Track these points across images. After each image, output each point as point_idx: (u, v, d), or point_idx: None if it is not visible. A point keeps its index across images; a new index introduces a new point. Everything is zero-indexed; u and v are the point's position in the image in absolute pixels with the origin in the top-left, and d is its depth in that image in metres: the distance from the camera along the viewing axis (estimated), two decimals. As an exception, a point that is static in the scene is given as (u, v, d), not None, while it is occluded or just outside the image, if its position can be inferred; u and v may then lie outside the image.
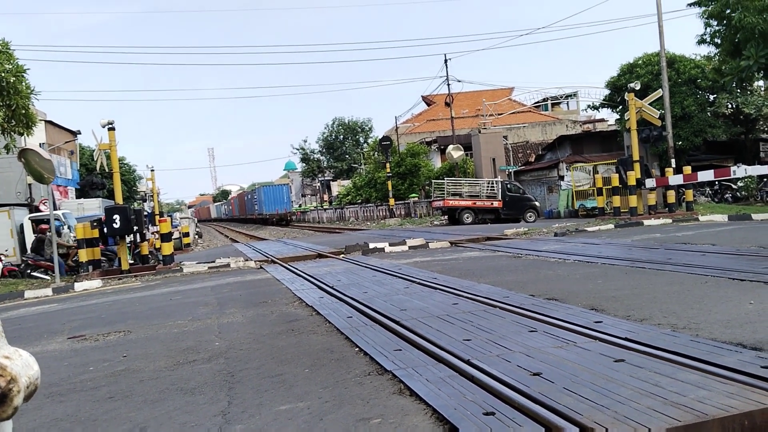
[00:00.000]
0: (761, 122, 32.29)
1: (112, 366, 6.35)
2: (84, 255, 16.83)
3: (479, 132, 41.22)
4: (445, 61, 42.87)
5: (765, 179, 26.12)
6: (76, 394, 5.39)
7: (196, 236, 42.75)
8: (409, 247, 17.80)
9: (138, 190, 55.27)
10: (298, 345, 6.50)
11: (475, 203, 31.31)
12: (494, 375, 4.58)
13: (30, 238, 22.63)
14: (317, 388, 4.83)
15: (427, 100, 63.91)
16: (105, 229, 16.96)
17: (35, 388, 1.67)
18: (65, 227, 20.91)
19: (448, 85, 42.90)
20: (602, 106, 36.75)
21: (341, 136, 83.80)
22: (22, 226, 23.80)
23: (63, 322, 9.90)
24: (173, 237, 21.76)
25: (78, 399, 5.24)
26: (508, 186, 31.61)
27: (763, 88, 31.80)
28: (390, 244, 17.99)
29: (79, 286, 15.23)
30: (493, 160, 39.22)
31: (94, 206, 30.13)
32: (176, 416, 4.52)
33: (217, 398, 4.85)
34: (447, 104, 44.38)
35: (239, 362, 5.98)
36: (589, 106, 39.99)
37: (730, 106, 31.77)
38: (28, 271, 18.65)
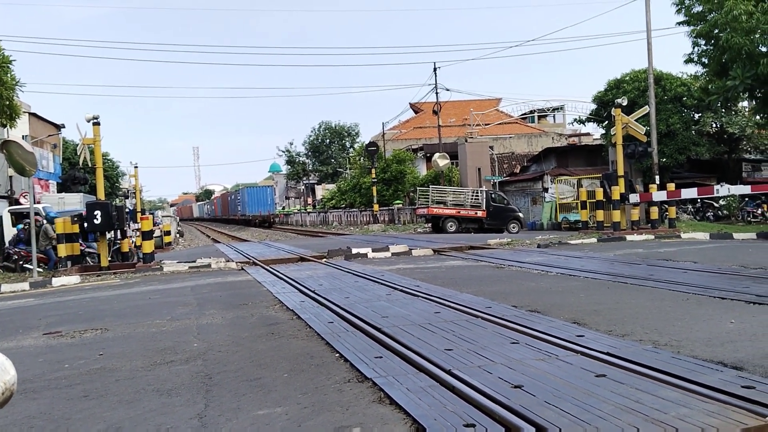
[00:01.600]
0: (744, 142, 32.64)
1: (88, 364, 6.25)
2: (63, 250, 16.62)
3: (466, 141, 41.32)
4: (434, 69, 42.92)
5: (746, 199, 26.38)
6: (51, 392, 5.30)
7: (178, 235, 42.42)
8: (392, 254, 17.77)
9: (120, 186, 54.79)
10: (277, 349, 6.44)
11: (459, 212, 31.34)
12: (475, 386, 4.55)
13: (9, 230, 22.33)
14: (296, 394, 4.78)
15: (415, 108, 64.02)
16: (85, 225, 16.76)
17: (11, 394, 1.60)
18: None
19: (437, 93, 42.95)
20: (588, 120, 36.88)
21: (327, 140, 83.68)
22: (0, 218, 23.51)
23: (39, 318, 9.75)
24: (154, 235, 21.59)
25: (52, 396, 5.15)
26: (493, 196, 31.67)
27: (747, 109, 32.13)
28: (373, 250, 17.94)
29: (56, 282, 15.03)
30: (479, 169, 39.31)
31: (75, 201, 29.78)
32: (152, 417, 4.44)
33: (194, 400, 4.78)
34: (434, 112, 44.39)
35: (217, 364, 5.90)
36: (575, 119, 40.10)
37: (714, 125, 32.08)
38: (20, 262, 18.38)
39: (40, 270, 17.23)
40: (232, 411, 4.47)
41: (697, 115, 31.54)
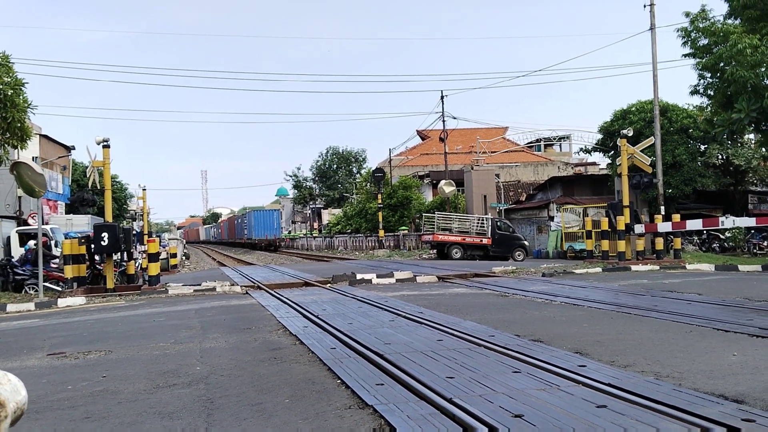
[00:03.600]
0: (750, 174, 32.65)
1: (91, 386, 6.28)
2: (69, 271, 16.69)
3: (472, 169, 41.42)
4: (442, 97, 43.27)
5: (752, 231, 26.34)
6: (53, 413, 5.32)
7: (184, 258, 42.52)
8: (397, 280, 17.76)
9: (128, 208, 55.04)
10: (279, 374, 6.45)
11: (464, 239, 31.34)
12: (476, 415, 4.56)
13: (17, 251, 22.45)
14: (297, 419, 4.79)
15: (422, 135, 64.33)
16: (93, 246, 16.87)
17: (21, 413, 1.66)
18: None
19: (443, 121, 43.26)
20: (594, 149, 37.07)
21: (335, 165, 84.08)
22: (8, 238, 23.66)
23: (44, 338, 9.79)
24: (160, 257, 21.66)
25: (54, 417, 5.17)
26: (498, 224, 31.68)
27: (753, 141, 32.19)
28: (377, 276, 17.95)
29: (62, 303, 15.08)
30: (485, 197, 39.36)
31: (83, 222, 30.01)
32: (153, 441, 4.46)
33: (195, 424, 4.79)
34: (441, 140, 44.67)
35: (220, 388, 5.92)
36: (581, 149, 40.34)
37: (720, 156, 32.13)
38: (29, 282, 18.43)
39: (59, 289, 17.31)
40: (233, 435, 4.48)
41: (703, 147, 31.62)
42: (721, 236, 28.37)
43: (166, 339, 9.05)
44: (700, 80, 24.21)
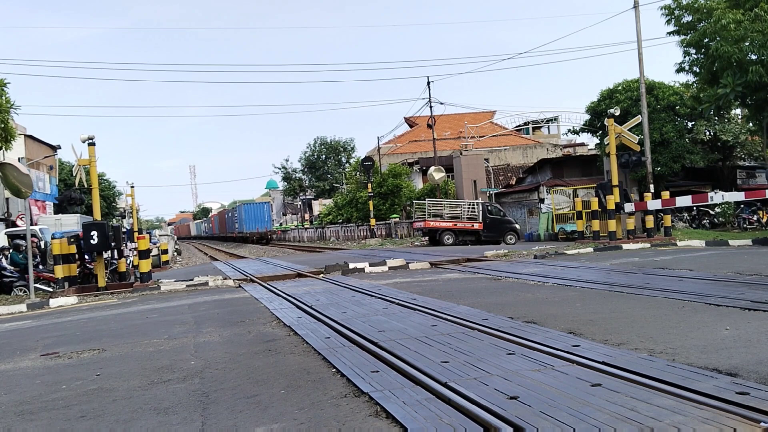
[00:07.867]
0: (738, 149, 32.79)
1: (85, 384, 6.25)
2: (60, 271, 16.59)
3: (461, 154, 41.43)
4: (428, 83, 43.16)
5: (742, 206, 26.46)
6: (48, 413, 5.29)
7: (175, 254, 42.38)
8: (389, 268, 17.76)
9: (117, 206, 54.79)
10: (274, 365, 6.44)
11: (455, 225, 31.40)
12: (471, 398, 4.56)
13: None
14: (293, 410, 4.78)
15: (410, 122, 64.19)
16: (83, 245, 16.77)
17: None
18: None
19: (431, 107, 43.16)
20: (582, 130, 37.09)
21: (323, 156, 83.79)
22: (-3, 240, 23.48)
23: (37, 339, 9.74)
24: (151, 254, 21.54)
25: (49, 418, 5.15)
26: (489, 208, 31.74)
27: (740, 116, 32.31)
28: (370, 265, 17.94)
29: (54, 303, 14.98)
30: (474, 182, 39.41)
31: (72, 222, 29.80)
32: (149, 437, 4.44)
33: (191, 418, 4.78)
34: (429, 126, 44.57)
35: (215, 382, 5.91)
36: (569, 130, 40.38)
37: (708, 133, 32.26)
38: (18, 284, 18.28)
39: (50, 289, 17.19)
40: (229, 428, 4.47)
41: (690, 124, 31.72)
42: (711, 212, 28.49)
43: (159, 335, 9.02)
44: (685, 57, 24.28)
